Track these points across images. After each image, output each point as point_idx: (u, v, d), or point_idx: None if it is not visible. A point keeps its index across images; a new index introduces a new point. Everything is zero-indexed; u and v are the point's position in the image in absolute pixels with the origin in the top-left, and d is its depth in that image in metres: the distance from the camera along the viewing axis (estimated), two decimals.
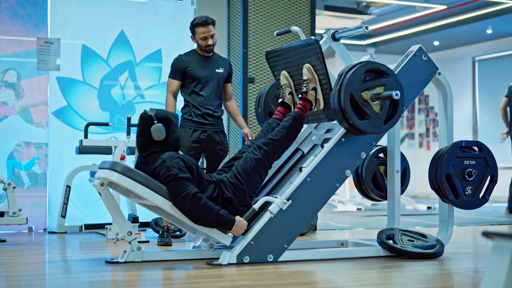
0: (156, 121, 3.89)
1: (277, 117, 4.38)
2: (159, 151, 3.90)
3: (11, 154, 6.30)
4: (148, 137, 3.90)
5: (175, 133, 3.96)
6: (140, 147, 3.92)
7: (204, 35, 5.00)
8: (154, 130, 3.87)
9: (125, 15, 6.72)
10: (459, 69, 13.28)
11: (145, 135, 3.90)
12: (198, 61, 5.10)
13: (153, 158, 3.89)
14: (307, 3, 6.16)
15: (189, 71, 5.05)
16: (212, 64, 5.12)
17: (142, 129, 3.91)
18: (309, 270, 3.76)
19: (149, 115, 3.90)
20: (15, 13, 6.33)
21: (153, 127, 3.87)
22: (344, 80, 3.89)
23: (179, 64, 5.08)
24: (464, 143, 4.36)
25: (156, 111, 3.92)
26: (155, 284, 3.34)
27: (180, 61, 5.10)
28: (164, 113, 3.95)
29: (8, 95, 6.31)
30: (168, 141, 3.93)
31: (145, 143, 3.91)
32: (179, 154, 3.93)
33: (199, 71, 5.07)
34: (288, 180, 4.50)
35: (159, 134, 3.87)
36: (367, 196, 4.81)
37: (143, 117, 3.91)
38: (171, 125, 3.94)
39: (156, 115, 3.90)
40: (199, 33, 5.01)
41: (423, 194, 13.39)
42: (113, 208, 3.91)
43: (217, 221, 3.81)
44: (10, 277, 3.58)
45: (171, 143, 3.94)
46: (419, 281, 3.47)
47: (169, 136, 3.93)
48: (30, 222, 6.06)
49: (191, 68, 5.05)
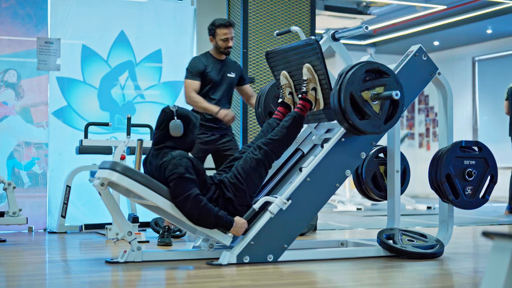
0: (176, 117, 3.93)
1: (277, 117, 4.38)
2: (172, 147, 3.92)
3: (11, 154, 6.30)
4: (165, 131, 3.94)
5: (193, 133, 4.01)
6: (156, 140, 3.97)
7: (225, 36, 5.14)
8: (173, 126, 3.92)
9: (125, 15, 6.72)
10: (459, 69, 13.28)
11: (163, 128, 3.95)
12: (214, 64, 5.22)
13: (163, 153, 3.90)
14: (307, 3, 6.16)
15: (207, 73, 5.16)
16: (225, 68, 5.23)
17: (161, 122, 3.96)
18: (309, 270, 3.76)
19: (170, 110, 3.96)
20: (15, 13, 6.33)
21: (172, 122, 3.91)
22: (344, 80, 3.89)
23: (199, 65, 5.18)
24: (464, 143, 4.36)
25: (178, 108, 3.98)
26: (155, 284, 3.35)
27: (200, 62, 5.20)
28: (186, 112, 4.01)
29: (8, 95, 6.31)
30: (184, 140, 3.96)
31: (162, 137, 3.95)
32: (189, 155, 3.94)
33: (215, 75, 5.19)
34: (288, 180, 4.50)
35: (177, 130, 3.91)
36: (367, 196, 4.81)
37: (164, 110, 3.98)
38: (190, 124, 3.99)
39: (177, 112, 3.96)
40: (220, 34, 5.15)
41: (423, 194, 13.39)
42: (113, 208, 3.91)
43: (216, 222, 3.81)
44: (10, 277, 3.59)
45: (186, 142, 3.97)
46: (419, 281, 3.47)
47: (186, 135, 3.97)
48: (30, 222, 6.06)
49: (209, 71, 5.17)
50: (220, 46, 5.17)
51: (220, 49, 5.19)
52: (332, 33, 4.61)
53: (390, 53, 13.30)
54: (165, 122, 3.95)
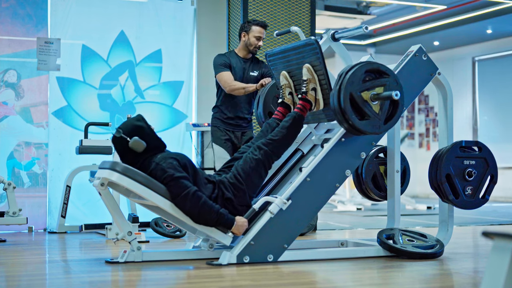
0: (128, 137, 3.87)
1: (276, 117, 4.38)
2: (149, 157, 3.90)
3: (11, 154, 6.30)
4: (132, 154, 3.89)
5: (150, 134, 3.94)
6: (131, 164, 3.90)
7: (259, 34, 5.30)
8: (133, 145, 3.85)
9: (125, 15, 6.72)
10: (459, 69, 13.28)
11: (128, 154, 3.90)
12: (237, 62, 5.36)
13: (147, 163, 3.89)
14: (307, 3, 6.16)
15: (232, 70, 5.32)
16: (249, 67, 5.38)
17: (122, 151, 3.90)
18: (309, 270, 3.76)
19: (119, 137, 3.87)
20: (15, 13, 6.33)
21: (130, 143, 3.85)
22: (344, 80, 3.89)
23: (225, 59, 5.33)
24: (464, 143, 4.36)
25: (122, 129, 3.89)
26: (155, 284, 3.35)
27: (224, 57, 5.36)
28: (130, 125, 3.91)
29: (8, 95, 6.31)
30: (151, 145, 3.92)
31: (133, 159, 3.90)
32: (171, 153, 3.93)
33: (239, 73, 5.34)
34: (288, 180, 4.50)
35: (139, 146, 3.86)
36: (367, 196, 4.81)
37: (115, 141, 3.89)
38: (143, 131, 3.91)
39: (124, 133, 3.87)
40: (255, 31, 5.30)
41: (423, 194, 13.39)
42: (113, 208, 3.91)
43: (217, 220, 3.81)
44: (10, 277, 3.59)
45: (154, 145, 3.93)
46: (419, 281, 3.47)
47: (148, 142, 3.92)
48: (30, 222, 6.06)
49: (233, 68, 5.32)
50: (251, 43, 5.31)
51: (250, 46, 5.33)
52: (332, 33, 4.61)
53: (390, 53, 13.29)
54: (125, 148, 3.89)
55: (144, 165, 3.89)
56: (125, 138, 3.86)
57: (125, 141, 3.87)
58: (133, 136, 3.87)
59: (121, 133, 3.87)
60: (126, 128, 3.89)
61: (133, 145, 3.85)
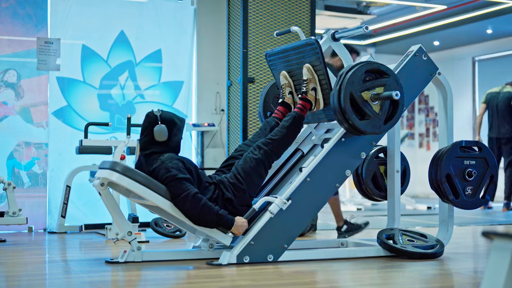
0: (160, 121, 3.91)
1: (276, 116, 4.38)
2: (159, 152, 3.92)
3: (11, 154, 6.30)
4: (151, 136, 3.93)
5: (178, 136, 4.00)
6: (142, 146, 3.95)
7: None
8: (157, 131, 3.90)
9: (125, 15, 6.72)
10: (459, 69, 13.28)
11: (148, 134, 3.93)
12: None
13: (153, 159, 3.90)
14: (307, 3, 6.15)
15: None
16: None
17: (146, 128, 3.95)
18: (309, 270, 3.76)
19: (154, 115, 3.94)
20: (15, 13, 6.33)
21: (156, 127, 3.90)
22: (344, 80, 3.89)
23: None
24: (464, 143, 4.36)
25: (162, 112, 3.96)
26: (155, 284, 3.34)
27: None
28: (170, 115, 3.99)
29: (8, 95, 6.31)
30: (170, 143, 3.95)
31: (147, 143, 3.93)
32: (178, 156, 3.94)
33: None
34: (288, 180, 4.50)
35: (161, 134, 3.90)
36: (367, 196, 4.81)
37: (148, 115, 3.96)
38: (174, 127, 3.97)
39: (161, 116, 3.94)
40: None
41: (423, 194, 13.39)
42: (113, 208, 3.91)
43: (217, 221, 3.81)
44: (10, 277, 3.59)
45: (172, 145, 3.97)
46: (419, 281, 3.47)
47: (171, 138, 3.95)
48: (30, 222, 6.06)
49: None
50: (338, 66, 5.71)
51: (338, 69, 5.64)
52: (332, 33, 4.60)
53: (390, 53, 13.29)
54: (149, 127, 3.93)
55: (151, 158, 3.90)
56: (158, 120, 3.91)
57: (154, 121, 3.92)
58: (165, 124, 3.92)
59: (159, 113, 3.92)
60: (166, 115, 3.97)
61: (157, 130, 3.90)
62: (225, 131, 6.95)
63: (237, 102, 6.13)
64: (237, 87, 6.12)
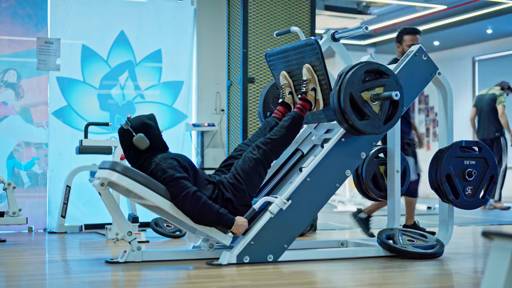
0: (134, 132, 3.89)
1: (276, 116, 4.38)
2: (150, 157, 3.91)
3: (11, 154, 6.30)
4: (134, 149, 3.92)
5: (156, 133, 3.97)
6: (131, 161, 3.94)
7: (411, 42, 5.40)
8: (137, 141, 3.88)
9: (125, 15, 6.72)
10: (459, 69, 13.27)
11: (130, 148, 3.92)
12: None
13: (147, 163, 3.90)
14: (307, 3, 6.16)
15: None
16: None
17: (125, 144, 3.93)
18: (309, 270, 3.76)
19: (125, 129, 3.90)
20: (15, 13, 6.33)
21: (134, 139, 3.88)
22: (344, 80, 3.89)
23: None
24: (464, 143, 4.35)
25: (130, 123, 3.92)
26: (155, 284, 3.34)
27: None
28: (139, 121, 3.95)
29: (8, 95, 6.31)
30: (154, 145, 3.94)
31: (134, 156, 3.93)
32: (171, 154, 3.94)
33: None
34: (288, 180, 4.50)
35: (142, 143, 3.88)
36: (367, 196, 4.81)
37: (121, 133, 3.93)
38: (149, 129, 3.94)
39: (132, 127, 3.90)
40: (407, 40, 5.45)
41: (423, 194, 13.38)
42: (113, 208, 3.91)
43: (217, 220, 3.81)
44: (10, 277, 3.59)
45: (157, 145, 3.95)
46: (419, 281, 3.47)
47: (152, 140, 3.94)
48: (30, 222, 6.05)
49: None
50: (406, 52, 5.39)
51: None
52: (332, 33, 4.60)
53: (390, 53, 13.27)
54: (128, 142, 3.91)
55: (145, 165, 3.90)
56: (131, 132, 3.89)
57: (130, 135, 3.89)
58: (139, 132, 3.90)
59: (129, 126, 3.89)
60: (135, 122, 3.93)
61: (136, 140, 3.87)
62: (225, 131, 6.95)
63: (237, 102, 6.13)
64: (237, 87, 6.12)
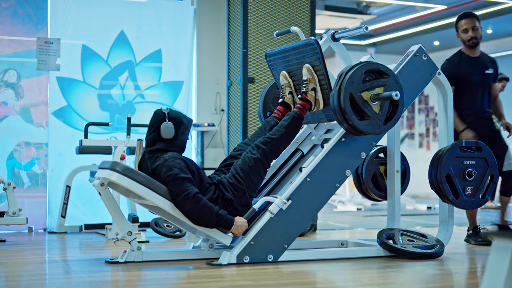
0: (168, 119, 3.95)
1: (276, 116, 4.38)
2: (164, 150, 3.93)
3: (11, 154, 6.30)
4: (157, 133, 3.96)
5: (184, 135, 4.02)
6: (148, 142, 3.99)
7: (466, 26, 5.10)
8: (164, 128, 3.94)
9: (125, 15, 6.72)
10: None
11: (155, 130, 3.97)
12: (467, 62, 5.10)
13: (156, 157, 3.91)
14: (307, 3, 6.16)
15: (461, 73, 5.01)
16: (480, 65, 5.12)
17: (153, 124, 4.00)
18: (309, 270, 3.76)
19: (162, 112, 4.00)
20: (15, 13, 6.33)
21: (163, 124, 3.94)
22: (344, 80, 3.89)
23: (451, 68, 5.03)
24: (464, 143, 4.35)
25: (170, 111, 4.01)
26: (155, 284, 3.34)
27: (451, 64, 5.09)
28: (178, 114, 4.03)
29: (8, 95, 6.31)
30: (175, 142, 3.97)
31: (154, 139, 3.97)
32: (181, 156, 3.95)
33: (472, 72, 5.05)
34: (288, 180, 4.50)
35: (168, 132, 3.93)
36: (367, 196, 4.81)
37: (157, 113, 4.01)
38: (181, 126, 4.00)
39: (169, 114, 3.99)
40: (460, 26, 5.12)
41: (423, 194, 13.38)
42: (113, 208, 3.91)
43: (217, 221, 3.81)
44: (10, 277, 3.59)
45: (177, 144, 3.98)
46: (419, 281, 3.47)
47: (177, 137, 3.97)
48: (30, 222, 6.05)
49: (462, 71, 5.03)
50: (463, 39, 5.12)
51: (464, 42, 5.13)
52: (332, 33, 4.60)
53: (390, 53, 13.29)
54: (156, 124, 3.98)
55: (154, 158, 3.91)
56: (165, 117, 3.95)
57: (163, 119, 3.97)
58: (172, 122, 3.96)
59: (168, 111, 3.98)
60: (173, 113, 4.02)
61: (164, 127, 3.94)
62: (225, 131, 6.95)
63: (237, 102, 6.13)
64: (237, 87, 6.12)
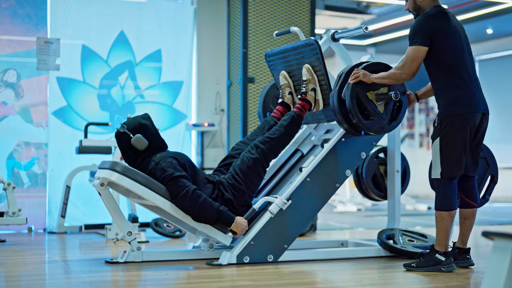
0: (131, 134, 3.90)
1: (275, 116, 4.37)
2: (149, 156, 3.92)
3: (11, 154, 6.30)
4: (134, 150, 3.92)
5: (154, 132, 3.98)
6: (131, 162, 3.94)
7: None
8: (135, 142, 3.89)
9: (125, 15, 6.72)
10: None
11: (130, 149, 3.93)
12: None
13: (146, 163, 3.90)
14: (307, 3, 6.15)
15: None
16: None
17: (123, 147, 3.94)
18: (309, 270, 3.76)
19: (122, 132, 3.92)
20: (15, 13, 6.33)
21: (133, 140, 3.89)
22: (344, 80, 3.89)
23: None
24: None
25: (126, 125, 3.93)
26: (155, 284, 3.34)
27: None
28: (135, 122, 3.96)
29: (8, 95, 6.31)
30: (153, 144, 3.95)
31: (134, 157, 3.94)
32: (170, 153, 3.94)
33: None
34: (288, 180, 4.50)
35: (141, 143, 3.90)
36: (367, 196, 4.81)
37: (118, 136, 3.94)
38: (146, 129, 3.96)
39: (128, 129, 3.92)
40: None
41: (423, 194, 13.39)
42: (113, 208, 3.91)
43: (217, 218, 3.81)
44: (10, 277, 3.58)
45: (156, 144, 3.96)
46: (419, 281, 3.47)
47: (150, 140, 3.94)
48: (30, 222, 6.05)
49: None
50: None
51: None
52: (332, 34, 4.59)
53: (390, 53, 13.28)
54: (127, 144, 3.92)
55: (144, 164, 3.90)
56: (128, 134, 3.89)
57: (128, 137, 3.90)
58: (136, 133, 3.90)
59: (125, 128, 3.91)
60: (131, 124, 3.94)
61: (135, 142, 3.88)
62: (225, 131, 6.95)
63: (237, 102, 6.12)
64: (237, 87, 6.12)
